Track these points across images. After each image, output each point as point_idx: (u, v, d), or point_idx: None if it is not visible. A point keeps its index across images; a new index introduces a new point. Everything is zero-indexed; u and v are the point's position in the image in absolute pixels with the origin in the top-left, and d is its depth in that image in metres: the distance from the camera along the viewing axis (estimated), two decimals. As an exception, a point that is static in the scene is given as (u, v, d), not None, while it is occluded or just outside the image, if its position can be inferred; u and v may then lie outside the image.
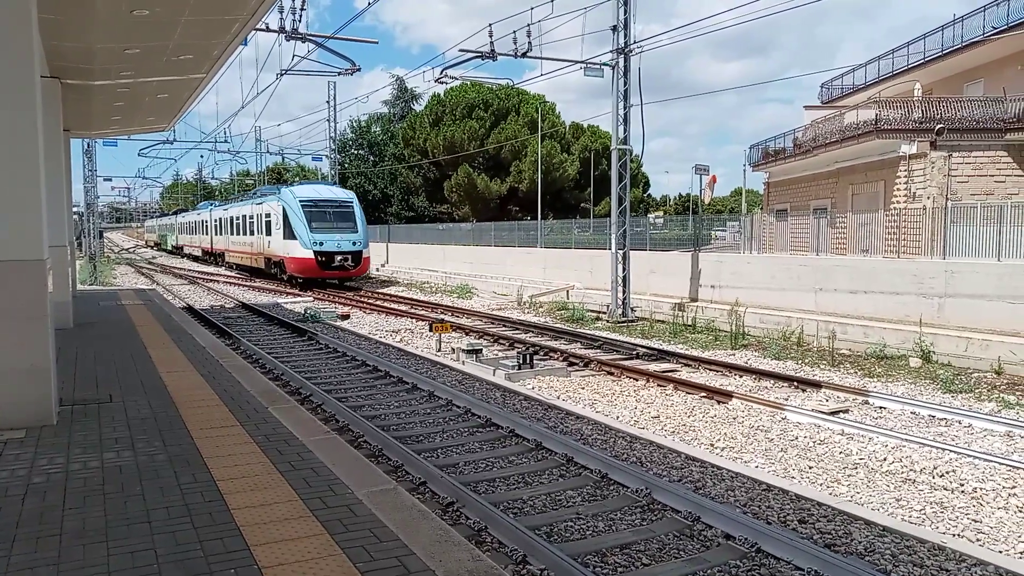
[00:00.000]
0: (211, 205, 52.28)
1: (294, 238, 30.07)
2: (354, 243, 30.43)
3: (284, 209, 31.03)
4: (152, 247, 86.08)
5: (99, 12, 9.81)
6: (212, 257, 47.81)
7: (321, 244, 29.57)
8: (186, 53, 12.25)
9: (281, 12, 19.96)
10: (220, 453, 6.03)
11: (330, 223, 30.46)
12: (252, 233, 36.33)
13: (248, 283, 33.77)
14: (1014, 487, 7.29)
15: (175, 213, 71.67)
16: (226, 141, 49.59)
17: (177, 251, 64.13)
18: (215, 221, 46.01)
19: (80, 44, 11.40)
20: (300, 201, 30.58)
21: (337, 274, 30.60)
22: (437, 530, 4.54)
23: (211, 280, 35.25)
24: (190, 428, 6.80)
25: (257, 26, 14.60)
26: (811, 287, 18.42)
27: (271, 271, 33.68)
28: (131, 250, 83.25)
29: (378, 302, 24.96)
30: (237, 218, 39.67)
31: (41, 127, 6.98)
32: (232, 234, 41.04)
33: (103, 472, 5.60)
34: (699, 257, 22.05)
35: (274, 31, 20.16)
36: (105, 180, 68.98)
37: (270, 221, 32.89)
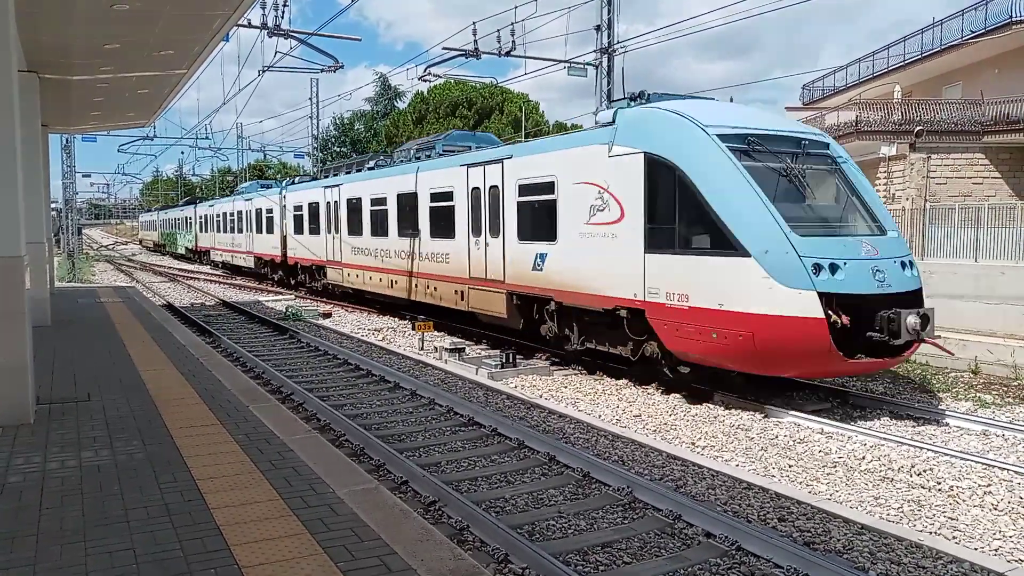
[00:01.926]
0: (260, 186, 34.83)
1: (759, 254, 9.61)
2: (904, 264, 10.42)
3: (702, 158, 10.40)
4: (151, 249, 69.64)
5: (78, 5, 9.70)
6: (283, 272, 29.32)
7: (837, 274, 9.53)
8: (167, 49, 12.15)
9: (263, 8, 19.84)
10: (200, 452, 6.00)
11: (811, 203, 10.71)
12: (478, 232, 15.26)
13: (229, 280, 33.48)
14: (989, 485, 7.38)
15: (190, 203, 53.65)
16: (207, 137, 49.23)
17: (195, 256, 47.54)
18: (299, 210, 26.29)
19: (59, 38, 11.27)
20: (720, 138, 10.33)
21: (886, 363, 10.38)
22: (419, 529, 4.54)
23: (191, 278, 34.93)
24: (170, 427, 6.76)
25: (239, 22, 14.53)
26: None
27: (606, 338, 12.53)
28: (111, 247, 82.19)
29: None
30: (378, 199, 20.01)
31: (18, 121, 6.90)
32: (369, 234, 20.63)
33: (81, 471, 5.55)
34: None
35: (256, 27, 20.01)
36: (84, 176, 68.33)
37: (590, 205, 12.04)
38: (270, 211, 29.88)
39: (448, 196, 16.29)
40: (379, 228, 19.99)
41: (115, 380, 8.88)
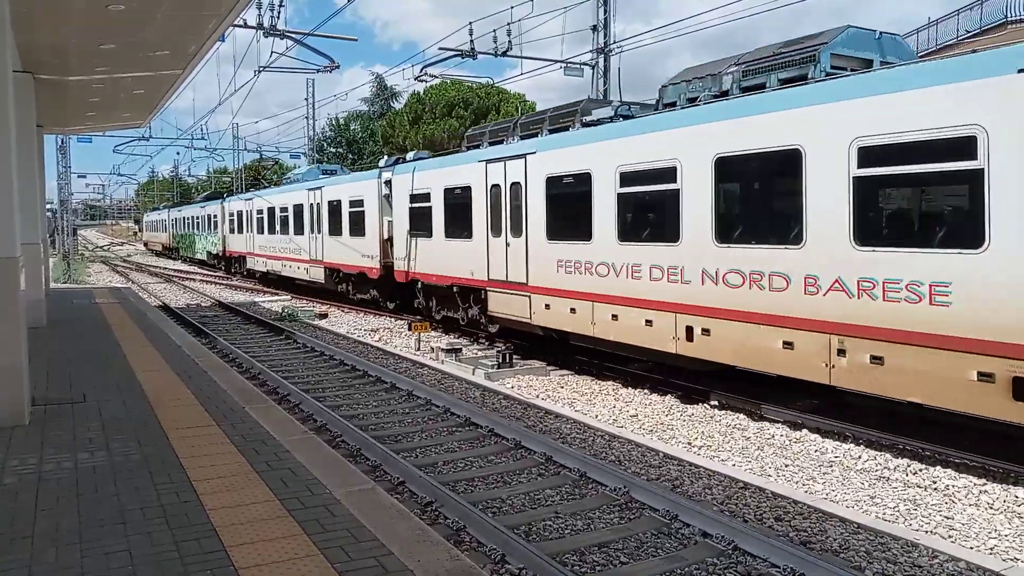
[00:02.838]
0: (322, 172, 27.48)
1: None
2: None
3: None
4: (160, 253, 61.56)
5: (74, 6, 9.68)
6: (379, 290, 20.60)
7: None
8: (162, 49, 12.13)
9: (259, 8, 19.81)
10: (196, 453, 5.98)
11: None
12: None
13: (225, 281, 33.42)
14: (985, 484, 7.40)
15: (212, 197, 44.00)
16: (203, 138, 49.12)
17: (220, 263, 39.23)
18: (421, 201, 17.47)
19: (54, 39, 11.24)
20: None
21: None
22: (415, 530, 4.54)
23: (187, 278, 34.87)
24: (165, 428, 6.74)
25: (235, 22, 14.51)
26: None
27: None
28: (106, 248, 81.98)
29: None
30: (645, 173, 10.98)
31: (13, 122, 6.88)
32: (615, 237, 11.50)
33: (77, 473, 5.53)
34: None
35: (252, 27, 19.99)
36: (79, 177, 68.17)
37: None
38: (358, 202, 20.88)
39: (958, 147, 7.28)
40: (643, 227, 11.23)
41: (111, 381, 8.85)
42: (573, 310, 12.38)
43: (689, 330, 10.29)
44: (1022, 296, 6.82)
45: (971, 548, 6.05)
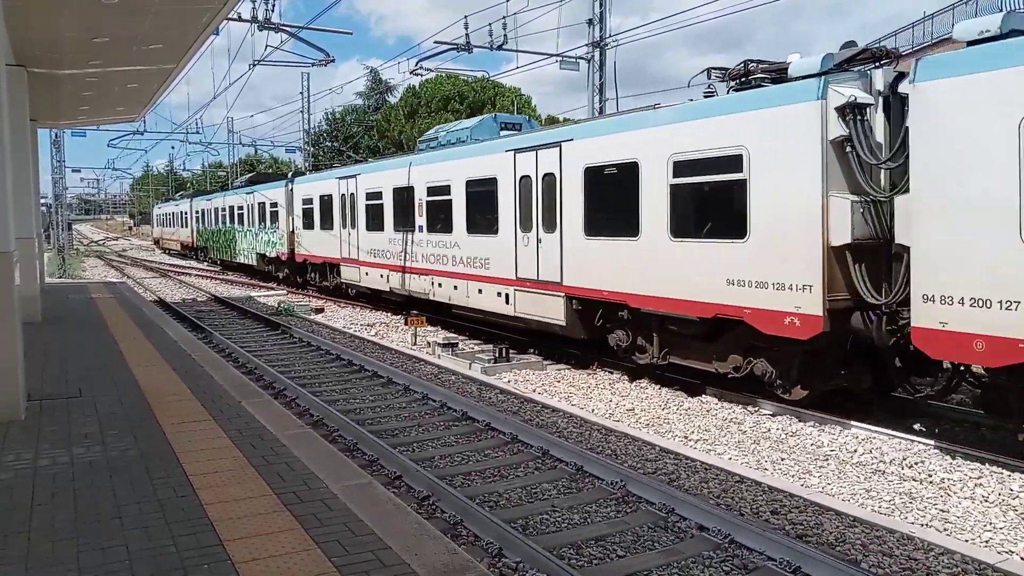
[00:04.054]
0: (501, 124, 16.90)
1: None
2: None
3: None
4: (178, 253, 50.57)
5: (67, -1, 9.64)
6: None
7: None
8: (156, 43, 12.07)
9: (254, 1, 19.72)
10: (192, 448, 5.97)
11: None
12: None
13: (221, 276, 33.34)
14: (980, 477, 7.43)
15: (257, 181, 32.77)
16: (198, 132, 48.94)
17: (277, 270, 28.41)
18: None
19: (48, 32, 11.18)
20: None
21: None
22: (413, 524, 4.54)
23: (182, 273, 34.78)
24: (162, 423, 6.73)
25: (229, 15, 14.45)
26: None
27: None
28: (101, 243, 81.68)
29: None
30: None
31: (6, 116, 6.85)
32: None
33: (73, 468, 5.52)
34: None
35: (246, 21, 19.90)
36: (74, 171, 67.96)
37: None
38: (716, 163, 9.53)
39: None
40: None
41: (106, 376, 8.83)
42: None
43: None
44: None
45: (966, 541, 6.07)
